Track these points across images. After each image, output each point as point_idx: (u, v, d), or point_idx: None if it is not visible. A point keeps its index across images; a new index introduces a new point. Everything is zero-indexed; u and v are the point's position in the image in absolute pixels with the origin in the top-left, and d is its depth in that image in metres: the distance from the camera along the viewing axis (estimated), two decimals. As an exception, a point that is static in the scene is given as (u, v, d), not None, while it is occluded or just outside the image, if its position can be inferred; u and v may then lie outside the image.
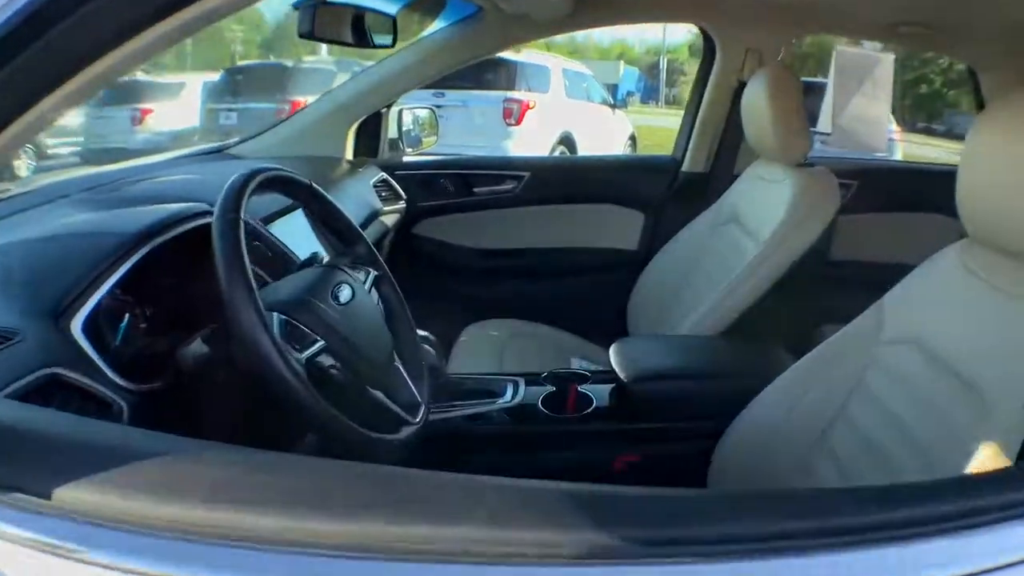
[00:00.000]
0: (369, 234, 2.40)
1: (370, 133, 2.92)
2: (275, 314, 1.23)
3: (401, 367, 1.49)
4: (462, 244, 3.04)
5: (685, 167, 2.95)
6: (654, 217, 2.96)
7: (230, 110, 10.85)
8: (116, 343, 1.29)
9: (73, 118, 12.65)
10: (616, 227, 3.00)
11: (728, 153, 2.89)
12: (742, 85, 2.50)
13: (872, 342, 1.43)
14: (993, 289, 1.24)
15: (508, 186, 2.99)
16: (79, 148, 12.02)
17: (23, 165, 12.52)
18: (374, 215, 2.56)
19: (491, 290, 3.03)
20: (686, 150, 2.96)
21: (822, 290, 2.61)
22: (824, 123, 3.30)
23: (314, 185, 1.48)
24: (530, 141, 8.31)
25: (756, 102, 2.23)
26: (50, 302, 1.18)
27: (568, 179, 3.07)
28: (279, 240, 1.73)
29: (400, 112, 2.99)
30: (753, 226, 2.23)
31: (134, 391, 1.21)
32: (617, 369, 1.85)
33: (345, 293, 1.35)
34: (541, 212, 3.00)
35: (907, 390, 1.33)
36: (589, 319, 2.91)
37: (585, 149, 9.11)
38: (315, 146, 2.77)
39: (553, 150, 8.59)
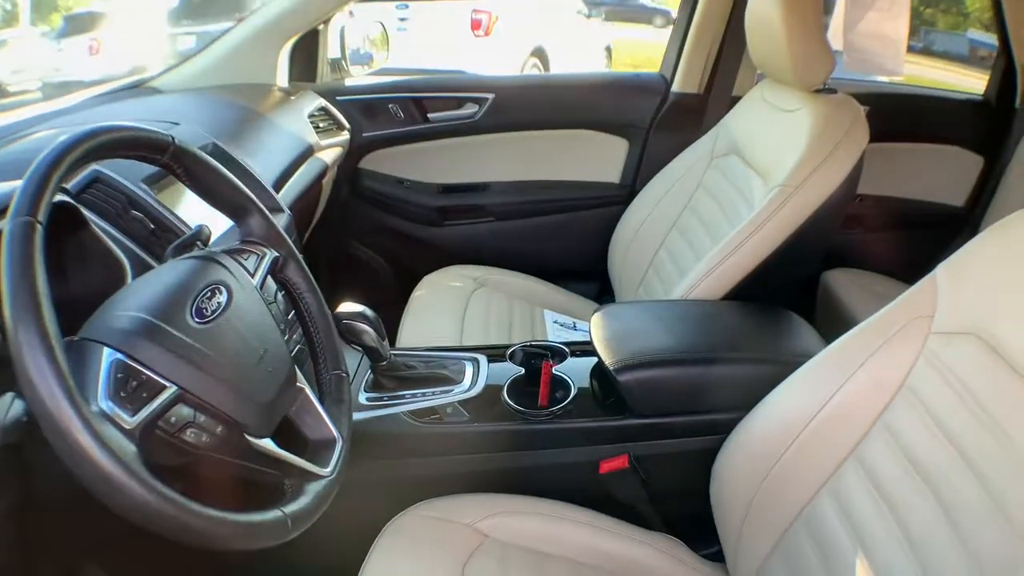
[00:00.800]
0: (304, 174, 2.07)
1: (307, 54, 2.54)
2: (105, 350, 0.84)
3: (307, 388, 1.10)
4: (416, 179, 2.66)
5: (676, 87, 2.58)
6: (640, 145, 2.59)
7: (188, 34, 10.30)
8: None
9: (33, 52, 12.22)
10: (596, 157, 2.63)
11: (726, 72, 2.53)
12: (744, -8, 2.08)
13: (921, 330, 1.11)
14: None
15: (468, 111, 2.60)
16: (40, 83, 11.57)
17: None
18: (308, 152, 2.18)
19: (451, 232, 2.69)
20: (676, 67, 2.58)
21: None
22: (834, 40, 2.91)
23: (177, 142, 1.04)
24: (501, 54, 7.77)
25: (765, 14, 1.82)
26: None
27: (539, 101, 2.65)
28: (164, 209, 1.37)
29: (343, 29, 2.60)
30: (761, 162, 1.84)
31: None
32: (600, 351, 1.48)
33: (215, 301, 0.97)
34: (508, 140, 2.62)
35: (962, 397, 1.01)
36: (565, 264, 2.62)
37: (559, 63, 8.63)
38: (244, 72, 2.37)
39: (525, 64, 8.13)
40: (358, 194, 2.66)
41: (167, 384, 0.85)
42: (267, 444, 0.96)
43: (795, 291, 1.90)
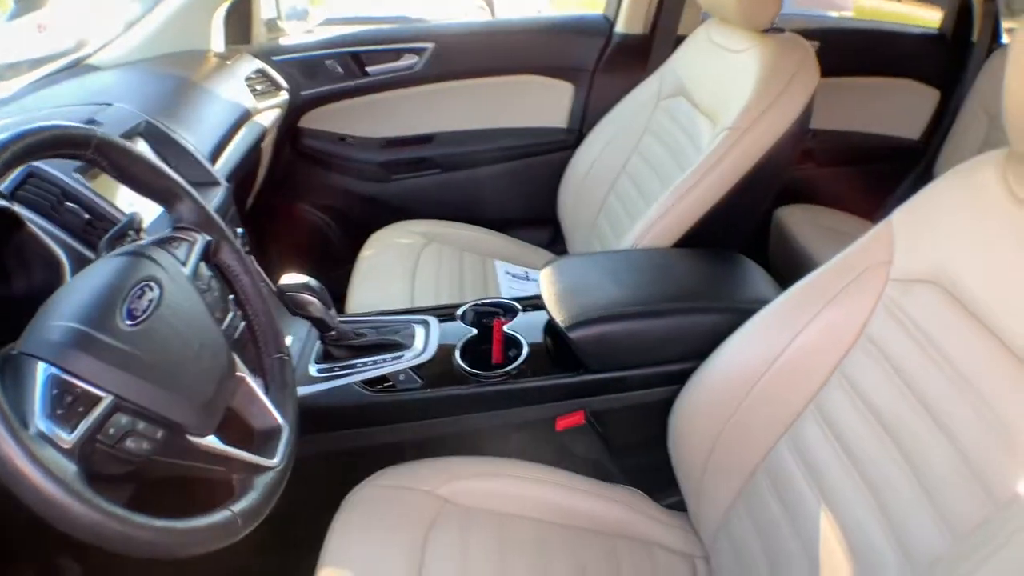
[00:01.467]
0: (242, 141, 2.02)
1: (241, 16, 2.46)
2: (40, 365, 0.80)
3: (248, 376, 1.07)
4: (358, 135, 2.60)
5: (619, 28, 2.52)
6: (586, 88, 2.54)
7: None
8: None
9: None
10: (541, 102, 2.58)
11: (671, 11, 2.47)
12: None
13: (878, 278, 1.10)
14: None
15: (408, 62, 2.53)
16: None
17: None
18: (245, 116, 2.11)
19: (398, 187, 2.64)
20: (619, 7, 2.51)
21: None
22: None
23: (101, 134, 0.99)
24: (445, -3, 7.66)
25: None
26: None
27: (481, 48, 2.59)
28: (98, 197, 1.33)
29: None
30: (709, 104, 1.81)
31: None
32: (551, 309, 1.46)
33: (146, 299, 0.93)
34: (450, 90, 2.56)
35: (922, 346, 1.01)
36: (515, 212, 2.59)
37: (505, 4, 8.47)
38: (179, 40, 2.29)
39: (468, 8, 7.99)
40: (300, 154, 2.60)
41: (102, 395, 0.82)
42: (210, 442, 0.93)
43: (749, 231, 1.88)
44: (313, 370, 1.47)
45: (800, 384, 1.15)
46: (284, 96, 2.42)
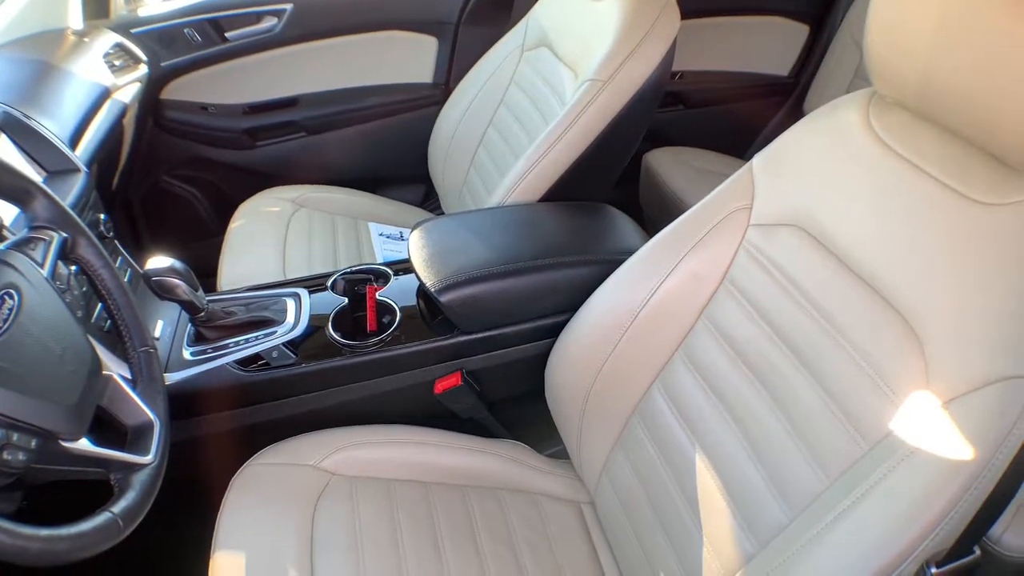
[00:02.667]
0: (103, 120, 1.97)
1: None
2: None
3: (115, 374, 1.06)
4: (220, 103, 2.53)
5: None
6: (451, 42, 2.52)
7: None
8: None
9: None
10: (406, 57, 2.54)
11: None
12: None
13: (740, 222, 1.14)
14: (914, 170, 0.95)
15: (267, 24, 2.46)
16: None
17: None
18: (105, 95, 2.04)
19: (263, 153, 2.58)
20: (481, -44, 2.49)
21: None
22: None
23: None
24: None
25: None
26: None
27: (341, 6, 2.51)
28: None
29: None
30: (571, 55, 1.82)
31: None
32: (420, 273, 1.47)
33: (6, 308, 0.91)
34: (312, 50, 2.50)
35: (784, 288, 1.05)
36: (387, 172, 2.58)
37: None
38: (38, 20, 2.20)
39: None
40: (163, 127, 2.52)
41: None
42: (84, 445, 0.93)
43: (615, 180, 1.91)
44: (187, 353, 1.45)
45: (668, 329, 1.19)
46: (144, 70, 2.33)
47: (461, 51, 2.49)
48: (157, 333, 1.53)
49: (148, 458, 1.01)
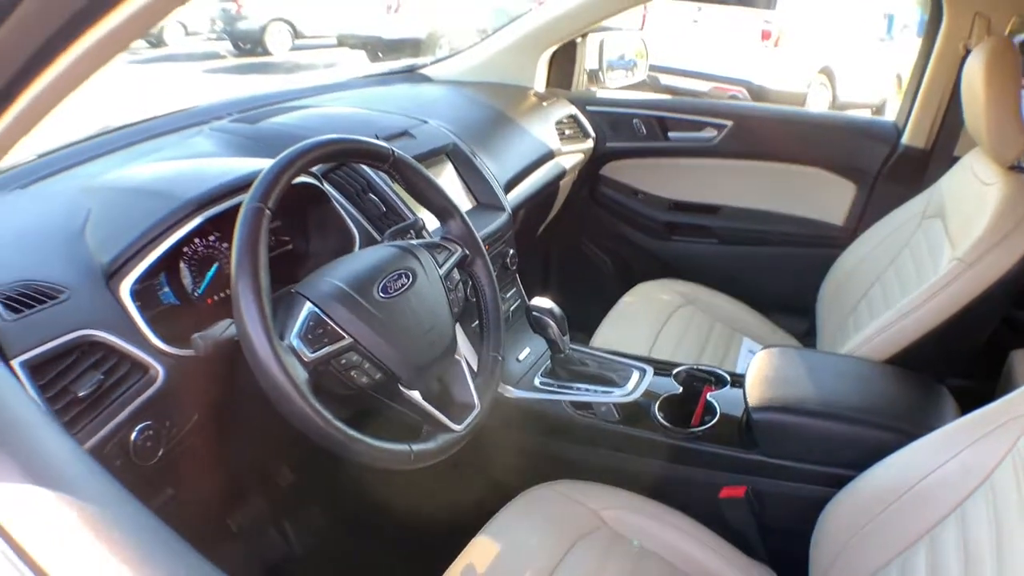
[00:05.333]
0: (541, 176, 2.33)
1: (566, 62, 2.78)
2: (307, 304, 1.15)
3: (465, 361, 1.36)
4: (651, 192, 2.82)
5: (905, 139, 2.54)
6: (867, 192, 2.60)
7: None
8: (161, 307, 1.33)
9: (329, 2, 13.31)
10: (822, 196, 2.66)
11: (950, 132, 2.47)
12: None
13: (1015, 431, 1.16)
14: None
15: (707, 134, 2.73)
16: (336, 32, 12.54)
17: (278, 42, 13.36)
18: (548, 155, 2.42)
19: (675, 247, 2.84)
20: (908, 119, 2.55)
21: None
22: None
23: (398, 154, 1.35)
24: (788, 68, 7.75)
25: (973, 80, 1.80)
26: (105, 262, 1.20)
27: (776, 134, 2.71)
28: (395, 196, 1.66)
29: (602, 42, 2.81)
30: (955, 229, 1.86)
31: (174, 356, 1.19)
32: (747, 388, 1.62)
33: (400, 283, 1.25)
34: (741, 168, 2.72)
35: None
36: (775, 294, 2.67)
37: (847, 84, 8.40)
38: (506, 73, 2.67)
39: (811, 82, 8.00)
40: (596, 199, 2.86)
41: (345, 336, 1.15)
42: (415, 395, 1.24)
43: (966, 362, 1.91)
44: (537, 381, 1.76)
45: (922, 515, 1.22)
46: (589, 144, 2.69)
47: (874, 201, 2.56)
48: (522, 356, 1.85)
49: (459, 428, 1.28)
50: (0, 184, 1.44)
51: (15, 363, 1.02)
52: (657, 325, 2.27)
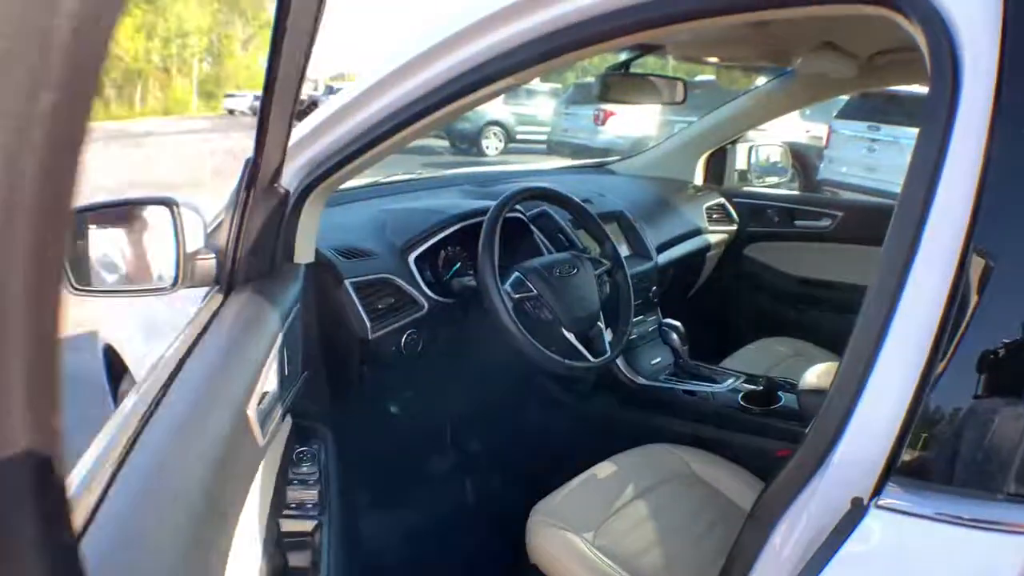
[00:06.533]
0: (687, 245, 3.05)
1: (719, 162, 3.48)
2: (516, 272, 1.96)
3: (603, 329, 2.13)
4: (783, 270, 3.45)
5: None
6: None
7: (681, 122, 11.38)
8: (432, 272, 2.11)
9: (541, 110, 14.27)
10: None
11: None
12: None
13: None
14: None
15: (824, 222, 3.33)
16: (545, 138, 13.74)
17: (493, 145, 14.45)
18: (696, 231, 3.14)
19: (796, 313, 3.41)
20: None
21: None
22: None
23: (574, 199, 2.18)
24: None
25: None
26: (401, 242, 2.03)
27: (877, 222, 3.15)
28: (572, 233, 2.38)
29: (751, 148, 3.51)
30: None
31: (435, 300, 2.02)
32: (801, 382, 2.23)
33: (569, 270, 2.02)
34: (850, 250, 3.25)
35: None
36: None
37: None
38: (672, 169, 3.40)
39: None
40: (739, 275, 3.51)
41: (534, 291, 1.94)
42: (569, 335, 2.00)
43: None
44: (661, 377, 2.47)
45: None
46: (733, 227, 3.39)
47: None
48: (654, 362, 2.56)
49: (593, 361, 2.06)
50: (337, 200, 2.09)
51: (347, 283, 1.80)
52: (770, 366, 2.80)
